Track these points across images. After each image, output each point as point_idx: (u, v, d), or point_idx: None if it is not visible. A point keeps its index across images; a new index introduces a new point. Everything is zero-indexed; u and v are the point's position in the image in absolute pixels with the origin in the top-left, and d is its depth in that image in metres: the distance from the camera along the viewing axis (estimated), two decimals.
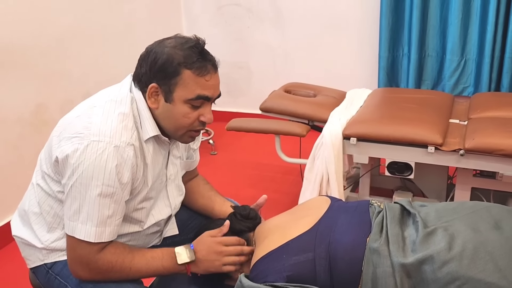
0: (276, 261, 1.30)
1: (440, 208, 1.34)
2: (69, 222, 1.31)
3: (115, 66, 3.43)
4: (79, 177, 1.26)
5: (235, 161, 3.61)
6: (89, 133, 1.28)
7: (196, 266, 1.41)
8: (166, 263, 1.39)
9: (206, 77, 1.34)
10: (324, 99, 2.84)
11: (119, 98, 1.36)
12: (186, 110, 1.35)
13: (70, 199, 1.30)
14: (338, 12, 3.71)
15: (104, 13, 3.33)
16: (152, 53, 1.34)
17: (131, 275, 1.37)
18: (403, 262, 1.19)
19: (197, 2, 4.12)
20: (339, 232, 1.30)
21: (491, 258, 1.14)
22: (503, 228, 1.22)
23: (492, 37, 3.22)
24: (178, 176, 1.58)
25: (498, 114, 2.48)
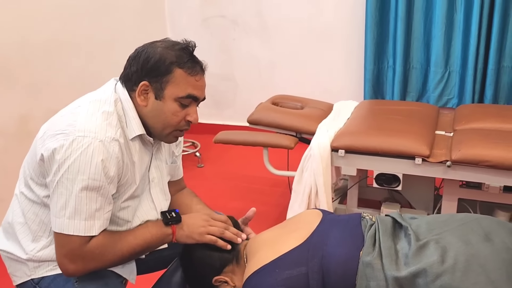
0: (269, 275, 1.30)
1: (431, 221, 1.35)
2: (55, 219, 1.30)
3: (100, 77, 3.37)
4: (65, 172, 1.27)
5: (222, 174, 3.60)
6: (74, 129, 1.30)
7: (182, 228, 1.44)
8: (153, 229, 1.43)
9: (196, 77, 1.39)
10: (311, 111, 2.85)
11: (103, 98, 1.39)
12: (175, 108, 1.39)
13: (57, 196, 1.29)
14: (324, 24, 3.74)
15: (89, 24, 3.32)
16: (143, 52, 1.38)
17: (124, 250, 1.37)
18: (397, 276, 1.19)
19: (182, 14, 4.12)
20: (332, 246, 1.30)
21: (483, 271, 1.15)
22: (493, 240, 1.23)
23: (475, 50, 3.27)
24: (162, 180, 1.58)
25: (483, 126, 2.51)
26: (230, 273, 1.46)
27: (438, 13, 3.32)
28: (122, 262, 1.40)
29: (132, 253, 1.40)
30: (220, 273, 1.46)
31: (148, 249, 1.44)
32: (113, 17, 3.53)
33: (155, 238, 1.42)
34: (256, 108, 2.98)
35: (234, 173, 3.61)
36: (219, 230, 1.46)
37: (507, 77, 3.30)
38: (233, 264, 1.47)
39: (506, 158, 2.17)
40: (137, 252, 1.41)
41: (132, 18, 3.75)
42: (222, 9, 3.99)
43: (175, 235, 1.44)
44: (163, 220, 1.45)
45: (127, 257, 1.40)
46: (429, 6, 3.35)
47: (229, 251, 1.47)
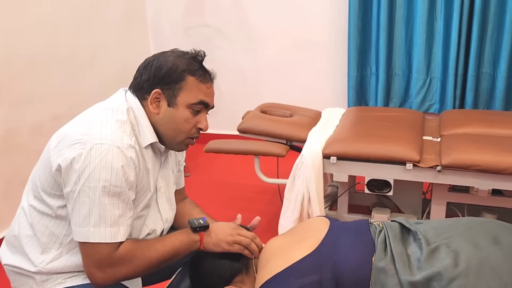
0: (282, 284, 1.31)
1: (437, 225, 1.38)
2: (79, 229, 1.30)
3: (84, 89, 3.39)
4: (86, 180, 1.27)
5: (209, 183, 3.60)
6: (90, 137, 1.30)
7: (210, 236, 1.45)
8: (180, 236, 1.44)
9: (207, 85, 1.44)
10: (301, 118, 2.88)
11: (115, 107, 1.40)
12: (187, 115, 1.42)
13: (79, 205, 1.29)
14: (308, 33, 3.78)
15: (72, 38, 3.29)
16: (155, 61, 1.42)
17: (152, 257, 1.37)
18: (411, 280, 1.21)
19: (165, 24, 4.11)
20: (344, 253, 1.32)
21: (495, 274, 1.18)
22: (502, 243, 1.26)
23: (455, 56, 3.35)
24: (169, 190, 1.59)
25: (469, 131, 2.58)
26: (240, 283, 1.47)
27: (419, 21, 3.39)
28: (150, 269, 1.39)
29: (161, 260, 1.39)
30: (229, 283, 1.46)
31: (177, 256, 1.43)
32: (96, 29, 3.51)
33: (183, 244, 1.42)
34: (245, 116, 2.99)
35: (221, 182, 3.61)
36: (246, 240, 1.47)
37: (487, 83, 3.39)
38: (242, 274, 1.47)
39: (496, 162, 2.24)
40: (166, 259, 1.40)
41: (114, 30, 3.73)
42: (206, 19, 4.00)
43: (202, 243, 1.44)
44: (190, 227, 1.46)
45: (156, 264, 1.39)
46: (410, 14, 3.43)
47: (238, 260, 1.48)
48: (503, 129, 2.57)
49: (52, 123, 3.14)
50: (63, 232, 1.39)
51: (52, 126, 3.09)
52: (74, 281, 1.40)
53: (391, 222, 1.45)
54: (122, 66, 3.78)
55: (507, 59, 3.29)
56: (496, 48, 3.32)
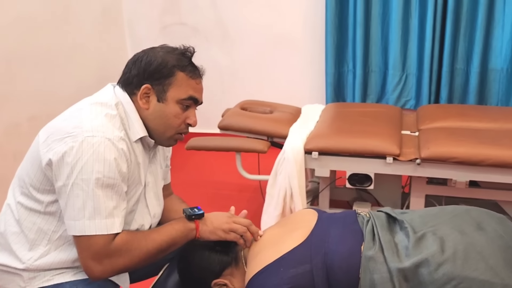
0: (273, 275, 1.32)
1: (423, 214, 1.42)
2: (74, 222, 1.29)
3: (61, 88, 3.34)
4: (79, 173, 1.26)
5: (190, 181, 3.58)
6: (81, 130, 1.30)
7: (205, 224, 1.46)
8: (176, 225, 1.44)
9: (196, 81, 1.45)
10: (281, 115, 2.90)
11: (104, 101, 1.40)
12: (177, 110, 1.42)
13: (73, 199, 1.28)
14: (285, 30, 3.80)
15: (48, 35, 3.24)
16: (145, 57, 1.42)
17: (149, 247, 1.37)
18: (400, 267, 1.24)
19: (141, 22, 4.08)
20: (334, 243, 1.34)
21: (481, 258, 1.22)
22: (486, 229, 1.30)
23: (430, 53, 3.42)
24: (157, 185, 1.58)
25: (446, 125, 2.64)
26: (229, 276, 1.48)
27: (394, 18, 3.45)
28: (148, 260, 1.38)
29: (158, 250, 1.39)
30: (219, 276, 1.47)
31: (174, 246, 1.43)
32: (71, 28, 3.47)
33: (180, 233, 1.42)
34: (225, 113, 3.00)
35: (203, 180, 3.60)
36: (242, 228, 1.47)
37: (460, 79, 3.47)
38: (232, 267, 1.48)
39: (472, 154, 2.29)
40: (163, 248, 1.40)
41: (91, 29, 3.69)
42: (182, 17, 3.98)
43: (198, 230, 1.45)
44: (185, 216, 1.46)
45: (154, 255, 1.38)
46: (386, 11, 3.48)
47: (228, 253, 1.49)
48: (478, 122, 2.63)
49: (29, 123, 3.09)
50: (52, 228, 1.38)
51: (29, 126, 3.07)
52: (62, 278, 1.39)
53: (378, 212, 1.48)
54: (99, 65, 3.74)
55: (479, 55, 3.37)
56: (469, 44, 3.40)
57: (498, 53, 3.37)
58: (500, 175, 2.32)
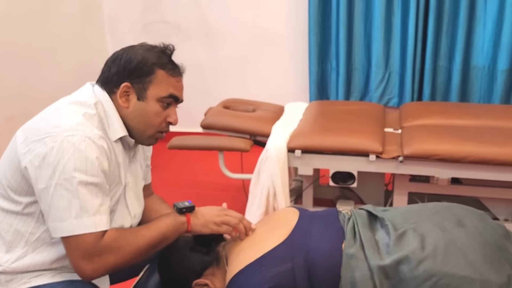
0: (255, 274, 1.30)
1: (405, 211, 1.41)
2: (61, 223, 1.26)
3: (40, 87, 3.29)
4: (62, 173, 1.24)
5: (172, 181, 3.55)
6: (60, 130, 1.27)
7: (196, 217, 1.44)
8: (166, 219, 1.41)
9: (177, 79, 1.43)
10: (264, 113, 2.88)
11: (83, 100, 1.37)
12: (157, 109, 1.40)
13: (57, 199, 1.25)
14: (268, 28, 3.79)
15: (27, 34, 3.19)
16: (124, 55, 1.40)
17: (140, 243, 1.34)
18: (381, 264, 1.23)
19: (122, 20, 4.04)
20: (315, 241, 1.33)
21: (461, 254, 1.22)
22: (466, 225, 1.30)
23: (412, 51, 3.43)
24: (137, 185, 1.56)
25: (428, 122, 2.65)
26: (211, 276, 1.46)
27: (377, 16, 3.45)
28: (139, 257, 1.36)
29: (149, 246, 1.36)
30: (200, 276, 1.45)
31: (165, 241, 1.40)
32: (51, 25, 3.42)
33: (171, 227, 1.40)
34: (207, 112, 2.97)
35: (185, 180, 3.57)
36: (234, 220, 1.45)
37: (443, 76, 3.48)
38: (213, 267, 1.47)
39: (454, 151, 2.30)
40: (154, 244, 1.37)
41: (70, 26, 3.64)
42: (164, 15, 3.94)
43: (190, 224, 1.42)
44: (176, 209, 1.44)
45: (145, 251, 1.36)
46: (369, 9, 3.48)
47: (208, 253, 1.47)
48: (460, 119, 2.65)
49: (7, 123, 3.04)
50: (29, 230, 1.35)
51: (7, 126, 3.02)
52: (40, 280, 1.36)
53: (359, 210, 1.47)
54: (79, 64, 3.69)
55: (462, 52, 3.38)
56: (451, 42, 3.42)
57: (480, 50, 3.39)
58: (482, 172, 2.33)
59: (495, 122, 2.62)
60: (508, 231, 1.40)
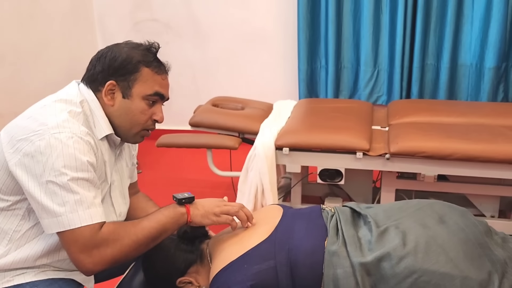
0: (237, 271, 1.31)
1: (387, 208, 1.42)
2: (56, 219, 1.25)
3: (29, 86, 3.28)
4: (52, 170, 1.24)
5: (161, 179, 3.56)
6: (47, 127, 1.27)
7: (196, 208, 1.42)
8: (166, 211, 1.40)
9: (162, 76, 1.42)
10: (252, 111, 2.89)
11: (69, 99, 1.37)
12: (143, 107, 1.40)
13: (50, 197, 1.24)
14: (257, 27, 3.79)
15: (15, 31, 3.18)
16: (109, 53, 1.39)
17: (139, 234, 1.33)
18: (362, 261, 1.24)
19: (111, 18, 4.03)
20: (298, 238, 1.34)
21: (442, 251, 1.23)
22: (447, 222, 1.31)
23: (401, 49, 3.45)
24: (123, 184, 1.56)
25: (415, 119, 2.66)
26: (195, 273, 1.47)
27: (365, 14, 3.46)
28: (139, 249, 1.34)
29: (149, 237, 1.34)
30: (184, 274, 1.46)
31: (165, 233, 1.38)
32: (40, 23, 3.41)
33: (170, 219, 1.38)
34: (196, 110, 2.98)
35: (174, 178, 3.57)
36: (234, 208, 1.44)
37: (431, 74, 3.50)
38: (197, 264, 1.47)
39: (440, 148, 2.32)
40: (154, 236, 1.35)
41: (60, 24, 3.63)
42: (154, 13, 3.94)
43: (190, 215, 1.40)
44: (176, 200, 1.43)
45: (144, 243, 1.34)
46: (357, 8, 3.49)
47: (192, 251, 1.47)
48: (447, 117, 2.66)
49: None
50: (13, 228, 1.35)
51: None
52: (23, 278, 1.36)
53: (343, 207, 1.48)
54: (68, 62, 3.68)
55: (449, 51, 3.40)
56: (439, 40, 3.44)
57: (467, 48, 3.41)
58: (468, 169, 2.35)
59: (482, 120, 2.63)
60: (490, 227, 1.41)
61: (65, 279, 1.40)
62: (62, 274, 1.40)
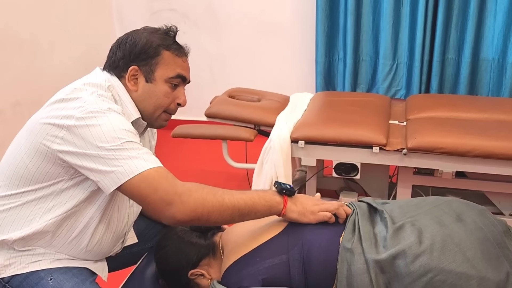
0: (249, 265, 1.30)
1: (403, 205, 1.39)
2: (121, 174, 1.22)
3: (46, 74, 3.29)
4: (103, 138, 1.22)
5: (178, 170, 3.51)
6: (87, 104, 1.26)
7: (294, 203, 1.35)
8: (262, 192, 1.34)
9: (183, 59, 1.44)
10: (269, 103, 2.86)
11: (97, 82, 1.37)
12: (166, 90, 1.41)
13: (109, 162, 1.22)
14: (275, 18, 3.76)
15: (34, 20, 3.19)
16: (129, 39, 1.40)
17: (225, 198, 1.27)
18: (377, 258, 1.22)
19: (129, 7, 4.03)
20: (312, 233, 1.32)
21: (459, 250, 1.19)
22: (465, 221, 1.28)
23: (421, 42, 3.38)
24: None
25: (434, 115, 2.62)
26: (207, 266, 1.46)
27: (385, 6, 3.40)
28: (222, 214, 1.26)
29: (235, 207, 1.27)
30: (196, 267, 1.45)
31: (253, 211, 1.29)
32: (58, 12, 3.41)
33: (264, 201, 1.31)
34: (212, 101, 2.96)
35: (190, 168, 3.57)
36: (334, 206, 1.37)
37: (451, 69, 3.44)
38: (209, 257, 1.46)
39: (459, 144, 2.27)
40: (240, 207, 1.27)
41: (78, 13, 3.63)
42: (171, 3, 3.93)
43: (286, 207, 1.33)
44: (276, 187, 1.37)
45: (228, 209, 1.26)
46: (377, 0, 3.44)
47: (205, 243, 1.47)
48: (467, 113, 2.61)
49: (13, 109, 3.05)
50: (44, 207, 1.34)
51: (13, 113, 3.03)
52: (38, 266, 1.35)
53: (359, 202, 1.45)
54: (86, 51, 3.69)
55: (471, 45, 3.34)
56: (460, 34, 3.37)
57: (489, 43, 3.34)
58: (487, 166, 2.30)
59: (502, 116, 2.58)
60: (509, 227, 1.37)
61: (79, 267, 1.40)
62: (77, 263, 1.41)
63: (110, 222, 1.43)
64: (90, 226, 1.38)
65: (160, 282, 1.57)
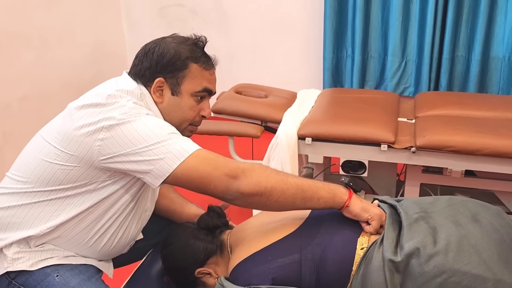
0: (260, 263, 1.27)
1: (418, 202, 1.36)
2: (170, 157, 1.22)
3: (53, 69, 3.28)
4: (150, 139, 1.23)
5: None
6: (127, 110, 1.26)
7: (358, 198, 1.32)
8: (328, 182, 1.32)
9: (210, 72, 1.41)
10: (276, 99, 2.84)
11: (130, 90, 1.35)
12: (192, 103, 1.39)
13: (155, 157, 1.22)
14: (283, 14, 3.73)
15: (42, 15, 3.18)
16: (156, 48, 1.37)
17: (290, 180, 1.25)
18: (393, 260, 1.19)
19: (137, 2, 4.01)
20: (328, 233, 1.29)
21: (475, 251, 1.16)
22: (481, 221, 1.25)
23: (430, 39, 3.35)
24: None
25: (443, 112, 2.58)
26: (214, 265, 1.43)
27: (395, 3, 3.38)
28: (285, 193, 1.24)
29: (298, 187, 1.25)
30: (203, 265, 1.43)
31: (315, 196, 1.26)
32: (66, 7, 3.40)
33: (328, 189, 1.28)
34: (219, 97, 2.94)
35: None
36: (378, 214, 1.32)
37: (461, 66, 3.41)
38: (217, 255, 1.44)
39: (469, 143, 2.24)
40: (304, 189, 1.25)
41: (86, 9, 3.62)
42: None
43: (350, 200, 1.29)
44: (344, 180, 1.36)
45: (291, 189, 1.24)
46: None
47: (213, 242, 1.45)
48: (477, 111, 2.58)
49: (21, 103, 3.04)
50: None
51: (21, 107, 3.02)
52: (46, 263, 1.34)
53: (374, 200, 1.43)
54: (94, 46, 3.68)
55: (481, 42, 3.30)
56: (471, 31, 3.34)
57: (500, 40, 3.30)
58: (497, 165, 2.27)
59: None
60: None
61: (86, 264, 1.39)
62: (83, 260, 1.39)
63: (128, 226, 1.43)
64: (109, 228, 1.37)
65: (165, 279, 1.55)
